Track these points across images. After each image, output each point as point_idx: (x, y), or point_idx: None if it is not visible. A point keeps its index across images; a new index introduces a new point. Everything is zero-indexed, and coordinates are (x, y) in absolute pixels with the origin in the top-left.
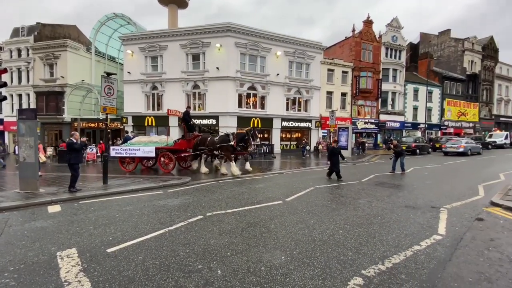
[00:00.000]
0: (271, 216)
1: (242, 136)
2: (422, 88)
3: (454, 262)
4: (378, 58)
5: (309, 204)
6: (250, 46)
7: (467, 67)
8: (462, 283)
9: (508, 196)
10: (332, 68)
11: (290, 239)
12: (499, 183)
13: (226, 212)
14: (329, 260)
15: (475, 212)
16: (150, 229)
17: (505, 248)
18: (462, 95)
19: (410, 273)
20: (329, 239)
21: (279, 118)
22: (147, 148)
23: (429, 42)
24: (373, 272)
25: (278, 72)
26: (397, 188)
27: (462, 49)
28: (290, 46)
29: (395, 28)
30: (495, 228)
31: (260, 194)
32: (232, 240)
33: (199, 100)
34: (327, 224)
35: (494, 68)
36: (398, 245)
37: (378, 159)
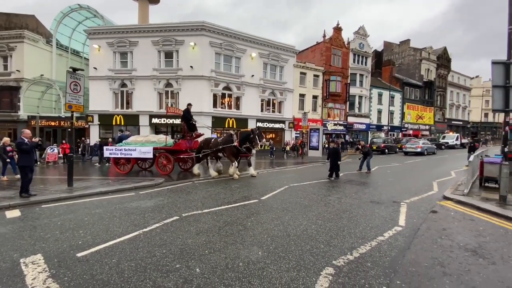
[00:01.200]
0: (248, 214)
1: (246, 134)
2: (386, 93)
3: (412, 250)
4: (346, 63)
5: (284, 202)
6: (225, 46)
7: (424, 75)
8: (419, 268)
9: (457, 191)
10: (304, 71)
11: (267, 235)
12: (450, 180)
13: (203, 212)
14: (303, 253)
15: (430, 206)
16: (123, 232)
17: (455, 236)
18: (419, 100)
19: (375, 261)
20: (302, 233)
21: (254, 118)
22: (144, 148)
23: (391, 50)
24: (343, 262)
25: (253, 73)
26: (363, 185)
27: (419, 58)
28: (265, 49)
29: (362, 36)
30: (447, 219)
31: (236, 193)
32: (209, 238)
33: (172, 99)
34: (301, 220)
35: (447, 76)
36: (364, 237)
37: (346, 159)
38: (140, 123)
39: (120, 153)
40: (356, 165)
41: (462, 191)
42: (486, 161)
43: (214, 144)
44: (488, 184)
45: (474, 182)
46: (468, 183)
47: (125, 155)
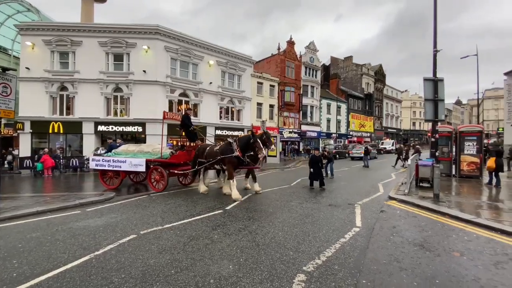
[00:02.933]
0: (213, 226)
1: (245, 140)
2: (333, 104)
3: (371, 249)
4: (299, 75)
5: (249, 210)
6: (181, 52)
7: (364, 88)
8: (379, 265)
9: (399, 191)
10: (261, 81)
11: (235, 247)
12: (392, 181)
13: (164, 227)
14: (274, 262)
15: (379, 206)
16: (70, 258)
17: (404, 233)
18: (361, 110)
19: (341, 263)
20: (271, 242)
21: (212, 126)
22: (136, 160)
23: (337, 65)
24: (312, 267)
25: (211, 80)
26: (320, 189)
27: (360, 73)
28: (223, 57)
29: (312, 50)
30: (395, 217)
31: (199, 204)
32: (174, 256)
33: (121, 104)
34: (268, 227)
35: (383, 90)
36: (328, 240)
37: (302, 165)
38: (83, 130)
39: (108, 165)
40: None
41: (403, 191)
42: (421, 164)
43: (210, 154)
44: (422, 184)
45: (411, 182)
46: (407, 184)
47: (113, 168)
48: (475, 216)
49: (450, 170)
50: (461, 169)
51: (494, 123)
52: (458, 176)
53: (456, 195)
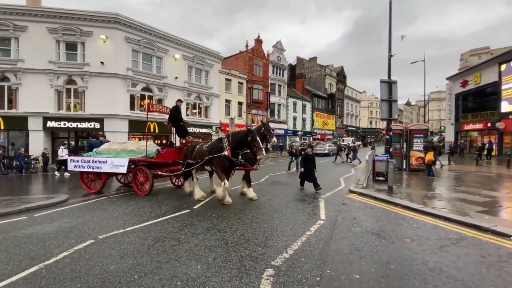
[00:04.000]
0: (180, 227)
1: (240, 137)
2: (299, 102)
3: (334, 240)
4: (267, 73)
5: (217, 209)
6: (144, 43)
7: (327, 88)
8: (342, 255)
9: (358, 185)
10: (229, 78)
11: (204, 247)
12: (352, 176)
13: (126, 230)
14: (243, 259)
15: (341, 199)
16: (15, 269)
17: (363, 223)
18: (325, 109)
19: (307, 255)
20: (240, 239)
21: None
22: (118, 160)
23: (303, 65)
24: (280, 262)
25: (176, 75)
26: (287, 185)
27: (324, 73)
28: (189, 51)
29: (279, 49)
30: (355, 209)
31: (164, 205)
32: (138, 261)
33: (75, 98)
34: (237, 225)
35: (344, 90)
36: (295, 234)
37: (269, 162)
38: (29, 127)
39: (88, 166)
40: (279, 167)
41: (362, 185)
42: (377, 159)
43: (199, 153)
44: (378, 177)
45: (368, 176)
46: (365, 178)
47: (93, 169)
48: (423, 206)
49: (401, 164)
50: (410, 164)
51: (437, 122)
52: (408, 170)
53: (406, 187)
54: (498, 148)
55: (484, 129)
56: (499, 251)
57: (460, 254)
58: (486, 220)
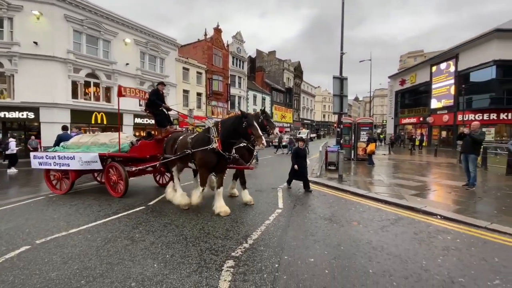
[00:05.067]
0: (134, 225)
1: (231, 124)
2: (259, 95)
3: (291, 227)
4: (227, 65)
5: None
6: (88, 24)
7: (286, 82)
8: (298, 241)
9: (313, 174)
10: (187, 67)
11: (161, 244)
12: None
13: (69, 233)
14: (203, 253)
15: (297, 188)
16: None
17: (318, 210)
18: (283, 102)
19: (266, 244)
20: (200, 233)
21: (131, 114)
22: (87, 155)
23: (262, 58)
24: (241, 252)
25: (127, 61)
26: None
27: (282, 68)
28: (142, 36)
29: (239, 41)
30: (310, 197)
31: (116, 202)
32: (85, 264)
33: (2, 83)
34: (196, 219)
35: (300, 85)
36: (255, 224)
37: None
38: None
39: (54, 163)
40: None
41: (316, 174)
42: (329, 150)
43: (181, 146)
44: (330, 167)
45: (322, 166)
46: (319, 167)
47: (59, 166)
48: (367, 191)
49: (350, 154)
50: (357, 154)
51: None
52: (356, 160)
53: (354, 175)
54: (428, 140)
55: (417, 123)
56: (429, 228)
57: (397, 232)
58: (418, 202)
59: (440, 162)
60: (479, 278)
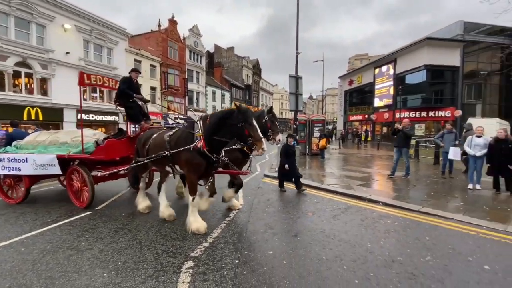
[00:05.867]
0: (80, 232)
1: (220, 119)
2: (218, 91)
3: (251, 222)
4: (183, 58)
5: (128, 207)
6: (16, 4)
7: (245, 79)
8: (258, 235)
9: (272, 169)
10: (139, 59)
11: (111, 251)
12: (267, 161)
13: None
14: (159, 256)
15: (257, 183)
16: None
17: (276, 204)
18: (243, 99)
19: (226, 241)
20: (156, 236)
21: (73, 109)
22: (43, 157)
23: (221, 54)
24: (200, 251)
25: (68, 50)
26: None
27: (241, 64)
28: (86, 23)
29: (196, 34)
30: (269, 192)
31: (56, 209)
32: (18, 281)
33: None
34: (151, 222)
35: (259, 82)
36: (215, 222)
37: None
38: None
39: (1, 167)
40: None
41: (275, 169)
42: None
43: (155, 145)
44: None
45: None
46: (277, 163)
47: (9, 171)
48: (321, 183)
49: (305, 149)
50: (312, 149)
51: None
52: (310, 154)
53: (309, 169)
54: (372, 135)
55: (363, 120)
56: (373, 214)
57: (347, 220)
58: (364, 191)
59: (382, 155)
60: (414, 255)
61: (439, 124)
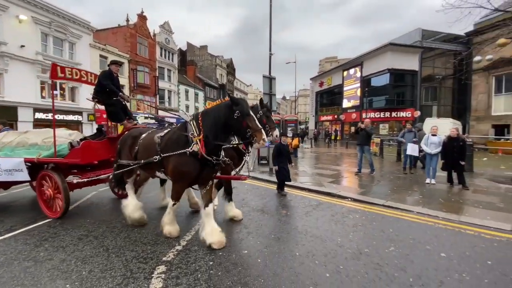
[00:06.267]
0: (38, 242)
1: (217, 114)
2: (191, 90)
3: (226, 222)
4: (154, 55)
5: (94, 212)
6: None
7: (219, 78)
8: (233, 235)
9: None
10: (105, 55)
11: (75, 260)
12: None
13: None
14: (129, 262)
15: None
16: None
17: (251, 203)
18: (217, 99)
19: (199, 243)
20: (125, 242)
21: (29, 107)
22: (8, 161)
23: (193, 52)
24: (173, 255)
25: (23, 43)
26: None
27: (215, 63)
28: (44, 14)
29: (167, 31)
30: (243, 191)
31: (10, 217)
32: None
33: None
34: (120, 227)
35: (233, 82)
36: (189, 224)
37: None
38: None
39: None
40: None
41: (250, 169)
42: None
43: (144, 148)
44: (262, 161)
45: (255, 161)
46: (252, 162)
47: None
48: (293, 181)
49: None
50: None
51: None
52: None
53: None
54: (341, 134)
55: (333, 120)
56: (342, 209)
57: (318, 216)
58: (334, 188)
59: (350, 153)
60: (379, 247)
61: (400, 123)
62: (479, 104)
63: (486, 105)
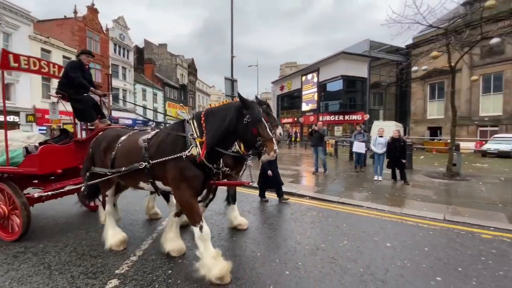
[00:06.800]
0: None
1: (225, 118)
2: (149, 90)
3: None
4: (106, 52)
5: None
6: None
7: (179, 79)
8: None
9: None
10: (48, 48)
11: (10, 281)
12: None
13: None
14: (75, 279)
15: None
16: None
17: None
18: (178, 100)
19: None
20: (70, 257)
21: None
22: None
23: (152, 50)
24: (127, 267)
25: None
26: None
27: (175, 63)
28: None
29: (122, 26)
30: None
31: None
32: None
33: None
34: (65, 241)
35: (195, 83)
36: (146, 232)
37: None
38: None
39: None
40: None
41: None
42: None
43: (125, 151)
44: None
45: None
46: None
47: None
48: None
49: None
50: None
51: None
52: None
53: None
54: (301, 136)
55: (293, 122)
56: (301, 207)
57: (279, 215)
58: (294, 187)
59: (308, 154)
60: (334, 241)
61: (352, 126)
62: (417, 108)
63: (423, 109)
